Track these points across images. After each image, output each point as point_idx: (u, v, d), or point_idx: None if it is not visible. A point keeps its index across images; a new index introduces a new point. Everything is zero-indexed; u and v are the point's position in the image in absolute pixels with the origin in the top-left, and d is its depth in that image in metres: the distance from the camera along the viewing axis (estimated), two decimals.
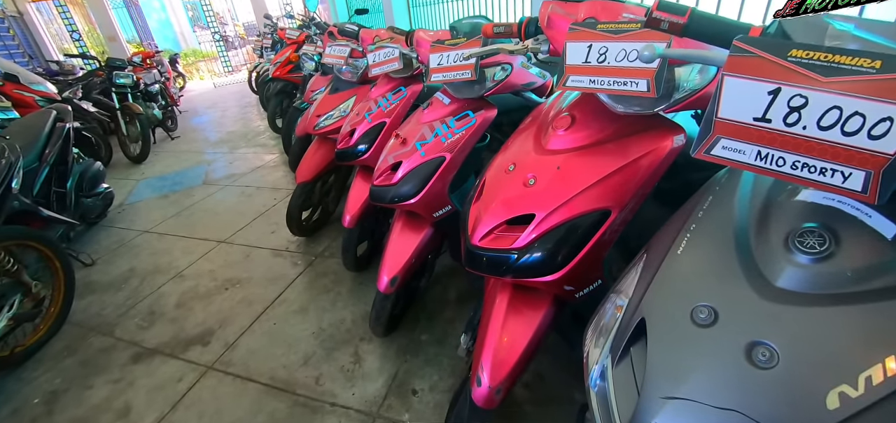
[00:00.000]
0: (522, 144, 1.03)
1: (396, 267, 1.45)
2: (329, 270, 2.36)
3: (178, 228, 3.14)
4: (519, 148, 1.02)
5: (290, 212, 2.43)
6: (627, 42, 0.77)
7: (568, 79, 0.82)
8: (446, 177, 1.38)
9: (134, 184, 4.27)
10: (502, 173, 0.98)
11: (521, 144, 1.03)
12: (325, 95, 2.40)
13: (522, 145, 1.02)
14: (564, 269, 0.88)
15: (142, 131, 4.82)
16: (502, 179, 0.97)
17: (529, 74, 1.34)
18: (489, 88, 1.31)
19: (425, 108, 1.45)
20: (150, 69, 6.21)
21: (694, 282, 0.60)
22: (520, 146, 1.03)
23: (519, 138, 1.07)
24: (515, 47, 0.99)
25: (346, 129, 1.93)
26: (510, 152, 1.04)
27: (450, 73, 1.29)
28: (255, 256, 2.61)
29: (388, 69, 1.77)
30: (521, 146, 1.02)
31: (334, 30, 2.45)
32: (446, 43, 1.30)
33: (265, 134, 5.41)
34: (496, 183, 0.98)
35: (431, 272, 1.92)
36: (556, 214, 0.87)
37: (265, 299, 2.19)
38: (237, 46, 14.17)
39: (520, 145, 1.03)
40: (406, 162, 1.38)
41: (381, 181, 1.44)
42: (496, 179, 0.99)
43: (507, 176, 0.96)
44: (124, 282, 2.54)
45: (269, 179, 3.85)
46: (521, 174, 0.94)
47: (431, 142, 1.37)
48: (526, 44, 0.97)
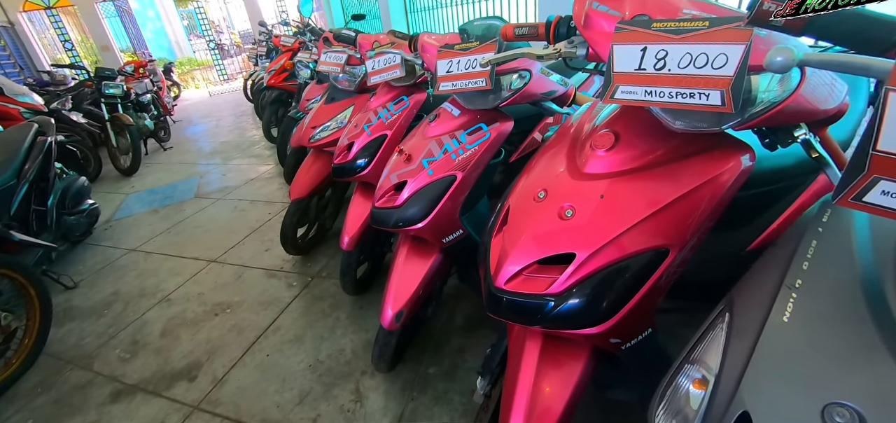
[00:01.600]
0: (552, 165, 0.87)
1: (402, 300, 1.29)
2: (326, 292, 2.19)
3: (166, 246, 2.97)
4: (549, 170, 0.87)
5: (284, 230, 2.27)
6: (695, 44, 0.61)
7: (616, 90, 0.67)
8: (457, 198, 1.22)
9: (123, 198, 4.10)
10: (530, 201, 0.82)
11: (551, 166, 0.87)
12: (321, 105, 2.25)
13: (553, 167, 0.86)
14: (612, 320, 0.73)
15: (132, 143, 4.66)
16: (531, 208, 0.81)
17: (549, 81, 1.18)
18: (505, 97, 1.16)
19: (432, 120, 1.29)
20: (141, 79, 6.07)
21: (820, 367, 0.44)
22: (549, 168, 0.87)
23: (546, 158, 0.91)
24: (544, 52, 0.84)
25: (344, 142, 1.78)
26: (538, 175, 0.88)
27: (461, 81, 1.13)
28: (247, 277, 2.44)
29: (389, 77, 1.62)
30: (552, 168, 0.86)
31: (329, 35, 2.30)
32: (456, 47, 1.15)
33: (260, 144, 5.25)
34: (524, 212, 0.82)
35: (439, 300, 1.76)
36: (601, 254, 0.71)
37: (258, 326, 2.02)
38: (233, 55, 14.03)
39: (549, 167, 0.87)
40: (411, 182, 1.23)
41: (384, 203, 1.28)
42: (523, 207, 0.84)
43: (537, 205, 0.80)
44: (107, 307, 2.36)
45: (263, 191, 3.69)
46: (555, 203, 0.78)
47: (440, 159, 1.21)
48: (557, 48, 0.82)
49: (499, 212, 0.92)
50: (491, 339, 1.78)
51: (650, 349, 0.84)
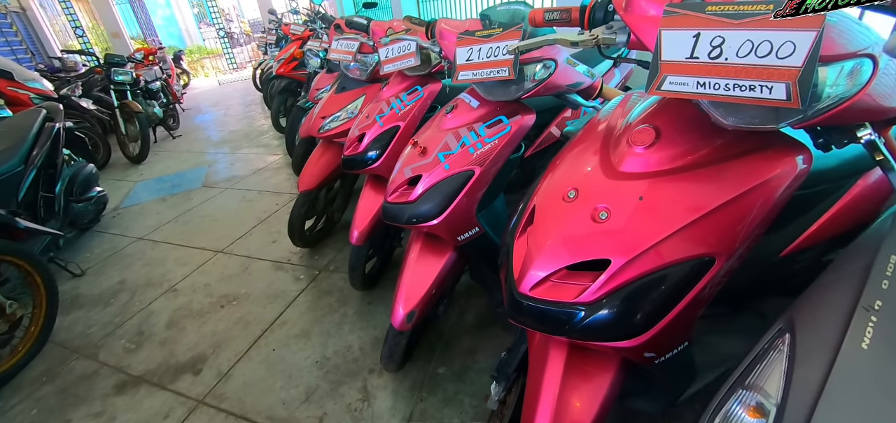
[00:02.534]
0: (583, 162, 0.80)
1: (414, 300, 1.24)
2: (334, 286, 2.15)
3: (174, 235, 2.94)
4: (579, 168, 0.80)
5: (291, 222, 2.23)
6: (757, 30, 0.54)
7: (664, 81, 0.60)
8: (474, 195, 1.16)
9: (131, 186, 4.09)
10: (559, 201, 0.76)
11: (582, 163, 0.80)
12: (331, 95, 2.19)
13: (584, 165, 0.80)
14: (648, 333, 0.66)
15: (141, 130, 4.64)
16: (560, 208, 0.75)
17: (575, 72, 1.11)
18: (528, 89, 1.09)
19: (448, 112, 1.23)
20: (151, 66, 6.04)
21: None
22: (580, 165, 0.80)
23: (575, 155, 0.85)
24: (578, 38, 0.77)
25: (354, 133, 1.72)
26: (567, 172, 0.82)
27: (482, 70, 1.07)
28: (254, 268, 2.40)
29: (403, 66, 1.55)
30: (583, 166, 0.80)
31: (341, 22, 2.23)
32: (477, 34, 1.08)
33: (268, 134, 5.22)
34: (552, 213, 0.76)
35: (451, 298, 1.71)
36: (640, 261, 0.65)
37: (264, 319, 1.98)
38: (242, 43, 13.99)
39: (579, 164, 0.81)
40: (426, 176, 1.16)
41: (396, 198, 1.23)
42: (551, 207, 0.77)
43: (567, 206, 0.74)
44: (113, 296, 2.34)
45: (271, 182, 3.65)
46: (588, 204, 0.72)
47: (457, 153, 1.15)
48: (594, 34, 0.75)
49: (523, 211, 0.86)
50: (503, 339, 1.74)
51: (682, 362, 0.78)
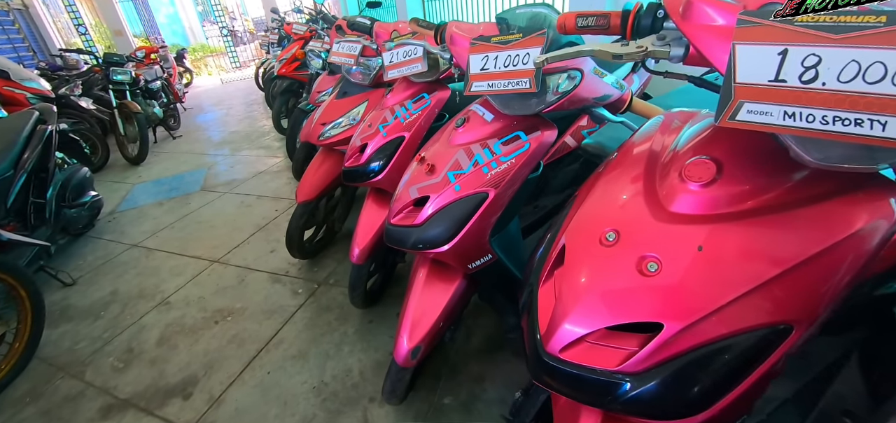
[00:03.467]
0: (623, 195, 0.68)
1: (420, 333, 1.12)
2: (334, 302, 2.04)
3: (169, 242, 2.84)
4: (618, 202, 0.68)
5: (289, 234, 2.12)
6: (865, 48, 0.42)
7: (739, 109, 0.48)
8: (488, 219, 1.04)
9: (129, 188, 4.00)
10: (596, 243, 0.64)
11: (622, 196, 0.68)
12: (332, 100, 2.07)
13: (624, 199, 0.68)
14: (707, 413, 0.55)
15: (140, 131, 4.55)
16: (598, 252, 0.63)
17: (603, 83, 0.99)
18: (551, 102, 0.97)
19: (459, 125, 1.11)
20: (152, 65, 5.96)
21: None
22: (619, 199, 0.69)
23: (612, 184, 0.73)
24: (623, 49, 0.65)
25: (356, 143, 1.60)
26: (603, 207, 0.70)
27: (498, 81, 0.95)
28: (250, 280, 2.29)
29: (409, 72, 1.43)
30: (621, 200, 0.68)
31: (343, 23, 2.12)
32: (493, 40, 0.96)
33: (270, 135, 5.12)
34: (587, 257, 0.64)
35: (459, 324, 1.59)
36: (699, 327, 0.53)
37: (259, 337, 1.87)
38: (246, 42, 13.93)
39: (618, 197, 0.69)
40: (435, 197, 1.05)
41: (401, 219, 1.11)
42: (586, 249, 0.65)
43: (606, 251, 0.62)
44: (104, 308, 2.24)
45: (271, 186, 3.55)
46: (633, 251, 0.60)
47: (469, 172, 1.03)
48: (642, 45, 0.63)
49: (548, 248, 0.74)
50: (514, 366, 1.62)
51: None
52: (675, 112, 0.82)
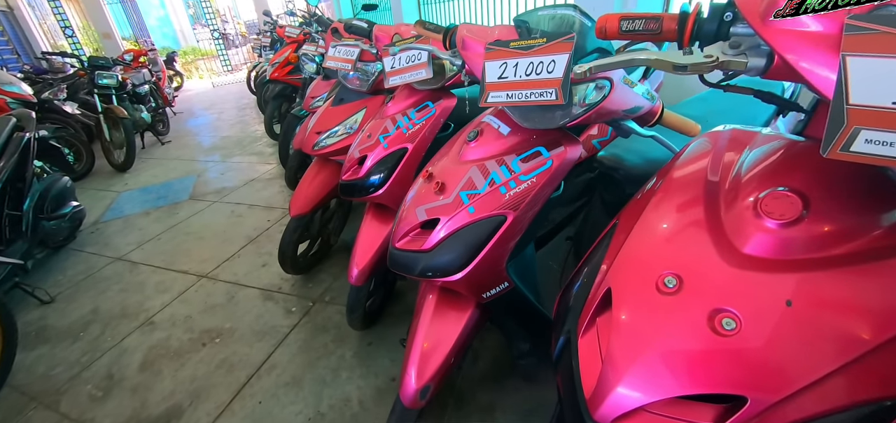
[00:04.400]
0: (680, 230, 0.58)
1: (429, 370, 1.01)
2: (330, 321, 1.91)
3: (155, 255, 2.70)
4: (676, 239, 0.58)
5: (282, 249, 1.99)
6: None
7: (855, 137, 0.38)
8: (506, 245, 0.94)
9: (114, 196, 3.84)
10: (652, 289, 0.54)
11: (678, 231, 0.58)
12: (327, 108, 1.96)
13: (682, 234, 0.57)
14: None
15: (126, 137, 4.38)
16: (656, 302, 0.52)
17: (634, 94, 0.89)
18: (577, 115, 0.86)
19: (472, 138, 1.00)
20: (140, 69, 5.79)
21: None
22: (676, 234, 0.58)
23: (662, 213, 0.62)
24: (686, 59, 0.54)
25: (354, 154, 1.49)
26: (656, 243, 0.59)
27: (520, 91, 0.84)
28: (241, 298, 2.16)
29: (412, 79, 1.32)
30: (681, 236, 0.57)
31: (339, 26, 2.00)
32: (512, 45, 0.86)
33: (262, 140, 4.97)
34: (643, 308, 0.54)
35: (466, 353, 1.48)
36: (795, 403, 0.42)
37: (250, 362, 1.75)
38: (238, 45, 13.73)
39: (674, 232, 0.58)
40: (446, 220, 0.94)
41: (407, 243, 1.00)
42: (640, 296, 0.55)
43: (666, 300, 0.52)
44: (84, 328, 2.09)
45: (263, 195, 3.41)
46: (701, 302, 0.49)
47: (484, 192, 0.92)
48: (711, 54, 0.52)
49: (586, 290, 0.63)
50: (525, 395, 1.50)
51: None
52: (724, 130, 0.72)
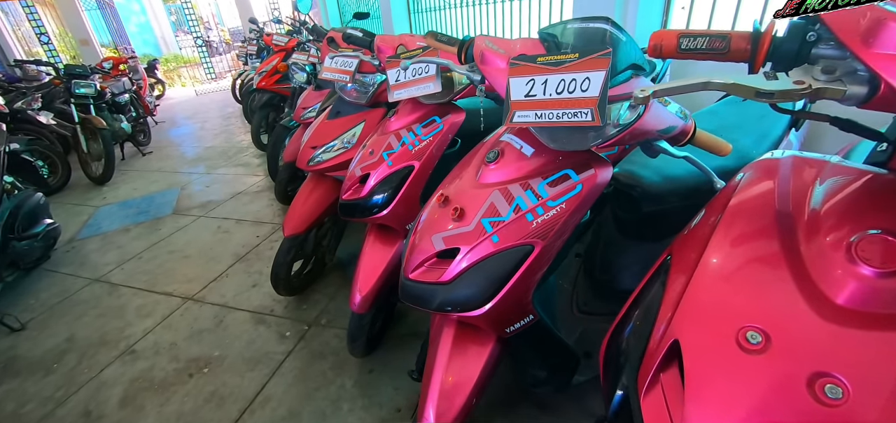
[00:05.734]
0: (754, 272, 0.51)
1: (451, 412, 0.92)
2: (327, 346, 1.80)
3: (136, 275, 2.55)
4: (751, 284, 0.51)
5: (276, 270, 1.88)
6: None
7: None
8: (533, 276, 0.86)
9: (91, 212, 3.65)
10: (732, 346, 0.46)
11: (753, 274, 0.51)
12: (323, 121, 1.86)
13: (758, 279, 0.50)
14: None
15: (105, 148, 4.20)
16: (741, 362, 0.45)
17: (668, 113, 0.83)
18: (610, 136, 0.79)
19: (492, 160, 0.92)
20: (120, 77, 5.58)
21: None
22: (750, 278, 0.51)
23: (729, 252, 0.55)
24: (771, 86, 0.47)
25: (356, 172, 1.40)
26: (729, 289, 0.52)
27: (550, 110, 0.77)
28: (230, 322, 2.04)
29: (419, 93, 1.25)
30: (756, 279, 0.50)
31: (337, 36, 1.92)
32: (540, 61, 0.79)
33: (248, 151, 4.83)
34: (725, 368, 0.46)
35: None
36: None
37: (242, 394, 1.63)
38: (221, 52, 13.49)
39: (749, 275, 0.52)
40: (467, 249, 0.86)
41: (423, 275, 0.91)
42: (719, 354, 0.48)
43: (752, 360, 0.45)
44: (58, 359, 1.94)
45: (250, 208, 3.28)
46: (797, 365, 0.43)
47: (510, 220, 0.85)
48: (804, 82, 0.45)
49: (643, 340, 0.55)
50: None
51: None
52: (784, 157, 0.65)
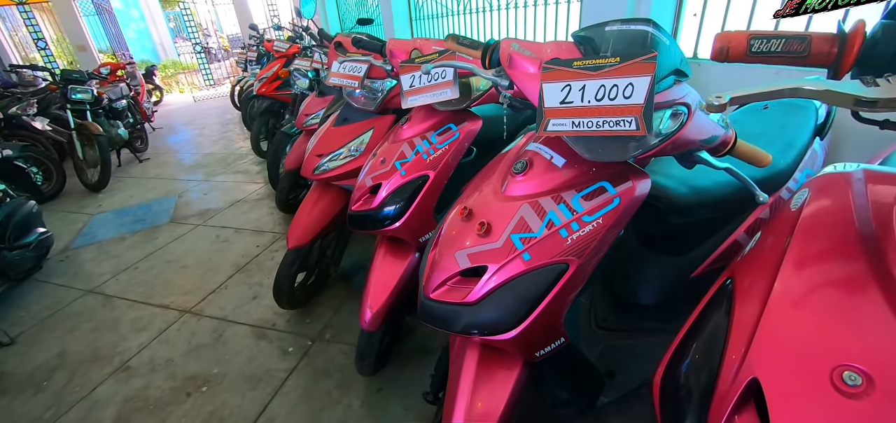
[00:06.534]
0: (841, 298, 0.45)
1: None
2: (332, 363, 1.73)
3: (131, 287, 2.46)
4: (841, 315, 0.45)
5: (278, 283, 1.80)
6: None
7: None
8: (567, 296, 0.79)
9: (87, 219, 3.56)
10: (826, 388, 0.40)
11: (841, 300, 0.45)
12: (329, 128, 1.80)
13: (848, 308, 0.44)
14: None
15: (101, 155, 4.11)
16: (838, 407, 0.39)
17: (710, 122, 0.77)
18: (651, 146, 0.73)
19: (520, 171, 0.86)
20: (117, 83, 5.52)
21: None
22: (838, 308, 0.45)
23: (805, 273, 0.49)
24: (880, 93, 0.41)
25: (366, 182, 1.33)
26: (816, 322, 0.46)
27: (589, 118, 0.71)
28: (229, 336, 1.95)
29: (435, 99, 1.18)
30: (846, 309, 0.44)
31: (346, 40, 1.86)
32: (576, 65, 0.73)
33: (248, 158, 4.75)
34: (820, 417, 0.40)
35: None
36: None
37: (243, 415, 1.54)
38: (220, 59, 13.42)
39: (836, 305, 0.46)
40: (496, 268, 0.79)
41: (445, 294, 0.84)
42: (812, 398, 0.41)
43: (851, 405, 0.38)
44: (48, 376, 1.85)
45: (250, 217, 3.20)
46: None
47: (542, 236, 0.78)
48: None
49: (706, 371, 0.49)
50: None
51: None
52: (856, 170, 0.60)
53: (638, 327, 1.41)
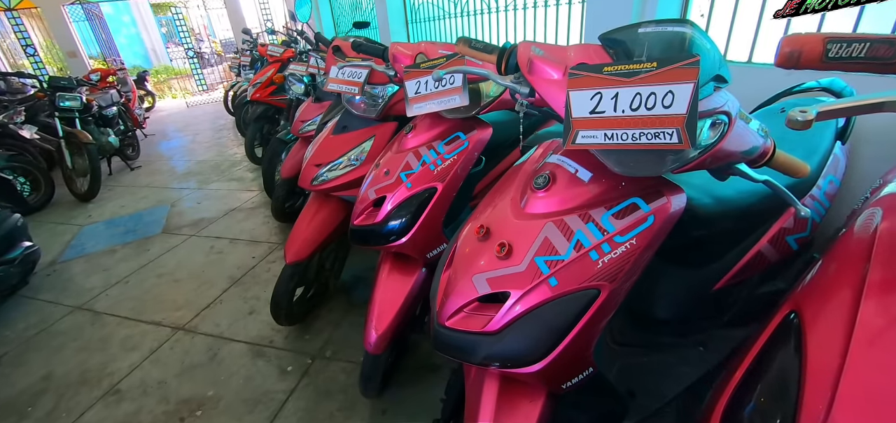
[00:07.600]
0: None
1: None
2: (334, 383, 1.64)
3: (122, 302, 2.36)
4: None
5: (276, 299, 1.72)
6: None
7: None
8: (598, 324, 0.72)
9: (75, 231, 3.45)
10: None
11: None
12: (328, 136, 1.72)
13: None
14: None
15: (91, 164, 4.00)
16: None
17: (750, 132, 0.70)
18: (689, 159, 0.67)
19: (541, 186, 0.79)
20: (107, 89, 5.40)
21: None
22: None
23: (891, 308, 0.42)
24: None
25: (369, 195, 1.26)
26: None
27: (623, 130, 0.64)
28: (225, 354, 1.87)
29: (443, 106, 1.11)
30: None
31: (344, 45, 1.78)
32: (606, 71, 0.66)
33: (242, 165, 4.66)
34: None
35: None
36: None
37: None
38: (213, 64, 13.29)
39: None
40: (519, 294, 0.72)
41: (462, 322, 0.77)
42: None
43: None
44: (33, 401, 1.75)
45: (245, 227, 3.11)
46: None
47: (570, 258, 0.71)
48: None
49: (777, 417, 0.42)
50: None
51: None
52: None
53: (655, 342, 1.35)
